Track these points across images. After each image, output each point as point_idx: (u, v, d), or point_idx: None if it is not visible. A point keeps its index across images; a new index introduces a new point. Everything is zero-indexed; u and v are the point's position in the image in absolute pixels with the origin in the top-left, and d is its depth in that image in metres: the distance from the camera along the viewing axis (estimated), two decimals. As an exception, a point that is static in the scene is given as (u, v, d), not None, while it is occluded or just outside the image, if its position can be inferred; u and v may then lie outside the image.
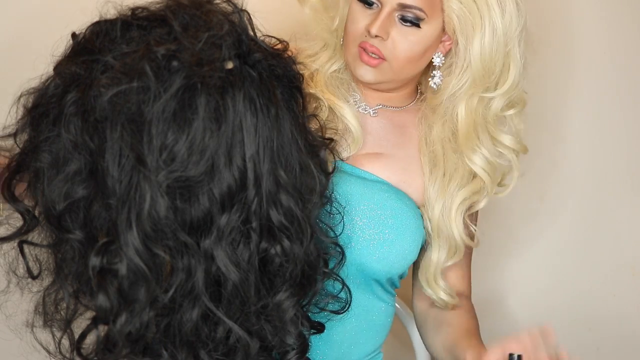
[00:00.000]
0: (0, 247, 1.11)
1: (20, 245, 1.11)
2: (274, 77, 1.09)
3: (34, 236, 1.10)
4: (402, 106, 1.42)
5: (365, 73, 1.32)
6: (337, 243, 1.20)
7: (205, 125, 1.00)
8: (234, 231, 1.04)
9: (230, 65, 1.04)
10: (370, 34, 1.28)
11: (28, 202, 1.09)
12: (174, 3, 1.06)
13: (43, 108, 1.05)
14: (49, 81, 1.06)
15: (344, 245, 1.24)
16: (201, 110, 1.00)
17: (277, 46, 1.14)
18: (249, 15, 1.10)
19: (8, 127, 1.09)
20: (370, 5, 1.30)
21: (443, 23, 1.31)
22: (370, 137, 1.38)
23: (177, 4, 1.06)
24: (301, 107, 1.14)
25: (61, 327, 1.10)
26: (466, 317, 1.39)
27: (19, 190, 1.09)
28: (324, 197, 1.17)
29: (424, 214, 1.39)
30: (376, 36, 1.28)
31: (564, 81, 1.79)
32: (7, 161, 1.09)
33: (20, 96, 1.08)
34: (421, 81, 1.45)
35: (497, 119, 1.37)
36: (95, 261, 1.02)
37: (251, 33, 1.09)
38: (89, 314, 1.09)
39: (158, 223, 1.00)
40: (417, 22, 1.28)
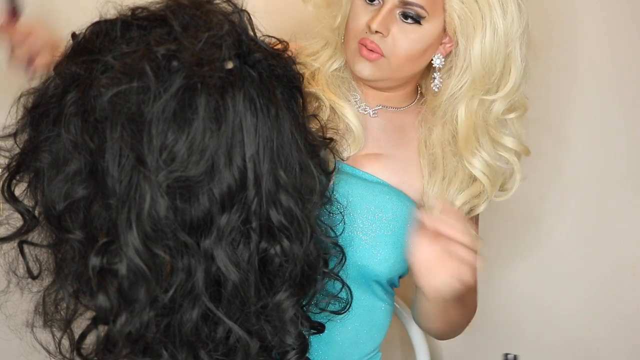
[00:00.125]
0: (0, 247, 1.11)
1: (20, 245, 1.11)
2: (274, 77, 1.09)
3: (34, 236, 1.10)
4: (402, 107, 1.42)
5: (363, 68, 1.32)
6: (337, 243, 1.20)
7: (205, 125, 1.00)
8: (234, 231, 1.04)
9: (230, 65, 1.04)
10: (370, 30, 1.29)
11: (28, 202, 1.09)
12: (174, 3, 1.06)
13: (43, 108, 1.05)
14: (49, 81, 1.06)
15: (345, 246, 1.23)
16: (201, 110, 1.00)
17: (277, 46, 1.14)
18: (249, 15, 1.10)
19: (8, 127, 1.09)
20: (372, 1, 1.30)
21: (444, 23, 1.31)
22: (369, 138, 1.38)
23: (177, 4, 1.06)
24: (301, 107, 1.14)
25: (61, 327, 1.10)
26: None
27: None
28: (324, 197, 1.17)
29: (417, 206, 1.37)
30: (377, 32, 1.28)
31: (565, 82, 1.78)
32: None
33: (20, 96, 1.08)
34: (421, 83, 1.45)
35: (499, 122, 1.37)
36: (95, 261, 1.02)
37: (251, 33, 1.09)
38: (89, 314, 1.09)
39: (158, 223, 1.00)
40: (418, 20, 1.28)
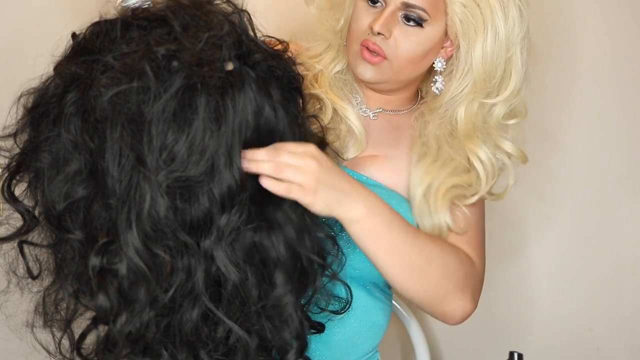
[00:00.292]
0: (0, 247, 1.11)
1: (20, 245, 1.11)
2: (274, 78, 1.09)
3: (34, 236, 1.10)
4: (402, 110, 1.42)
5: (365, 71, 1.32)
6: (335, 239, 1.19)
7: (205, 125, 1.00)
8: (234, 231, 1.04)
9: (230, 66, 1.04)
10: (372, 32, 1.29)
11: (28, 202, 1.09)
12: (174, 3, 1.06)
13: (43, 108, 1.05)
14: (49, 81, 1.06)
15: (342, 247, 1.23)
16: (201, 110, 1.00)
17: (277, 47, 1.14)
18: (249, 15, 1.10)
19: (8, 127, 1.09)
20: (374, 3, 1.30)
21: (446, 26, 1.31)
22: (368, 140, 1.38)
23: (178, 4, 1.06)
24: (300, 108, 1.14)
25: (61, 327, 1.10)
26: None
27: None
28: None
29: (410, 202, 1.34)
30: (379, 34, 1.28)
31: (565, 83, 1.79)
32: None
33: (20, 96, 1.08)
34: (421, 87, 1.45)
35: (499, 126, 1.36)
36: (95, 261, 1.02)
37: (251, 34, 1.09)
38: (89, 314, 1.09)
39: (158, 223, 1.00)
40: (420, 22, 1.28)
